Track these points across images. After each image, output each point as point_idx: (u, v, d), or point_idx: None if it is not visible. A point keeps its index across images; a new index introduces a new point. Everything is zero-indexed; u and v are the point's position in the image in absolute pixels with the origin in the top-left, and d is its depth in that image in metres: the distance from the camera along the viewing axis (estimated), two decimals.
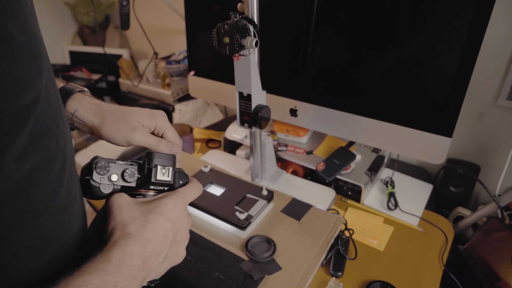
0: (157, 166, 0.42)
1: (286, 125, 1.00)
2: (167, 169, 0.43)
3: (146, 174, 0.42)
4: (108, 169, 0.41)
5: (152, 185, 0.42)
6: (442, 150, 0.73)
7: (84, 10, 1.80)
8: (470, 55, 0.65)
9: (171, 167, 0.43)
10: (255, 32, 0.67)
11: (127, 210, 0.39)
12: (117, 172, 0.42)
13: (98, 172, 0.41)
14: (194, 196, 0.44)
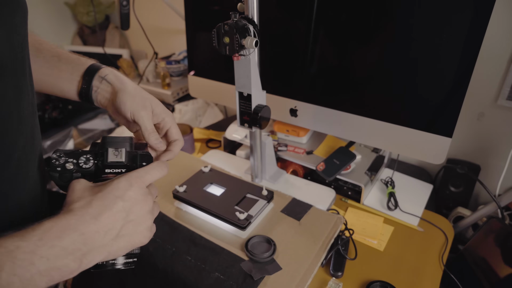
0: (107, 149, 0.43)
1: (286, 125, 1.00)
2: (120, 151, 0.43)
3: (100, 158, 0.43)
4: (63, 159, 0.42)
5: (107, 167, 0.43)
6: (442, 150, 0.73)
7: (84, 10, 1.80)
8: (470, 55, 0.65)
9: (124, 149, 0.43)
10: (255, 32, 0.67)
11: (78, 191, 0.39)
12: (73, 161, 0.43)
13: (53, 163, 0.42)
14: (154, 176, 0.44)
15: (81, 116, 1.44)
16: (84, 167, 0.43)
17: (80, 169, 0.43)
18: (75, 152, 0.43)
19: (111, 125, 1.46)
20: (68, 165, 0.42)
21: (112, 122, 1.47)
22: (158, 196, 0.84)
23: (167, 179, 0.90)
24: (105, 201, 0.38)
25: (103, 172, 0.43)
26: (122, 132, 1.22)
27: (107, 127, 1.45)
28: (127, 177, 0.41)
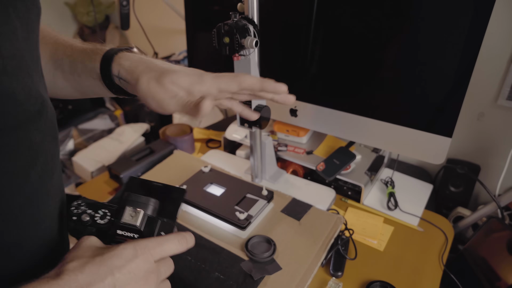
0: (125, 207, 0.38)
1: (286, 125, 1.00)
2: (137, 212, 0.37)
3: (115, 215, 0.38)
4: (82, 209, 0.39)
5: (119, 228, 0.37)
6: (442, 150, 0.73)
7: (84, 10, 1.80)
8: (470, 55, 0.65)
9: (143, 211, 0.38)
10: (255, 32, 0.67)
11: (81, 249, 0.35)
12: (90, 213, 0.39)
13: (71, 210, 0.40)
14: (168, 250, 0.37)
15: (81, 116, 1.44)
16: (98, 222, 0.39)
17: (94, 223, 0.39)
18: (96, 204, 0.40)
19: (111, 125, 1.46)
20: (83, 217, 0.39)
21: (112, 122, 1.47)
22: None
23: (167, 179, 0.90)
24: (101, 268, 0.33)
25: (115, 231, 0.38)
26: (123, 132, 1.22)
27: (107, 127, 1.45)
28: (135, 244, 0.35)
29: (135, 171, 0.96)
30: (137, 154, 1.03)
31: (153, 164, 0.99)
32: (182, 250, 0.38)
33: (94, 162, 1.09)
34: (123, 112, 1.54)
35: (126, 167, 0.96)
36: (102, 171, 1.08)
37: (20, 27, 0.31)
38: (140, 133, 1.22)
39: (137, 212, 0.38)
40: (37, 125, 0.34)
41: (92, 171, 1.07)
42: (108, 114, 1.50)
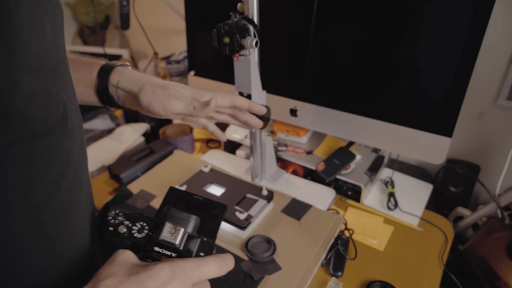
0: (165, 222, 0.36)
1: (286, 125, 1.00)
2: (177, 230, 0.35)
3: (154, 230, 0.36)
4: (119, 219, 0.38)
5: (157, 245, 0.35)
6: (442, 150, 0.73)
7: (84, 10, 1.80)
8: (470, 55, 0.65)
9: (183, 229, 0.36)
10: (255, 32, 0.67)
11: (116, 265, 0.33)
12: (128, 225, 0.37)
13: (108, 220, 0.38)
14: (207, 273, 0.34)
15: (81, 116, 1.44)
16: (136, 236, 0.37)
17: (131, 236, 0.37)
18: (134, 215, 0.38)
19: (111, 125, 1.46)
20: (120, 228, 0.37)
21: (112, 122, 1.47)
22: (159, 197, 0.84)
23: (167, 179, 0.90)
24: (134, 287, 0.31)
25: (152, 248, 0.36)
26: (123, 132, 1.22)
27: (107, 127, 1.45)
28: (172, 265, 0.33)
29: (135, 171, 0.96)
30: (137, 154, 1.03)
31: (153, 164, 0.99)
32: (222, 274, 0.35)
33: (94, 162, 1.09)
34: (123, 112, 1.54)
35: (126, 167, 0.96)
36: (102, 171, 1.08)
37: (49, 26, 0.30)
38: (140, 133, 1.22)
39: (177, 230, 0.36)
40: (65, 130, 0.33)
41: (92, 171, 1.07)
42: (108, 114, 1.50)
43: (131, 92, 0.50)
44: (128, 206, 0.40)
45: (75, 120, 0.36)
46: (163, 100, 0.48)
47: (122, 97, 0.52)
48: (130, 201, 0.84)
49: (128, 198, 0.85)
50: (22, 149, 0.29)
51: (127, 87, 0.50)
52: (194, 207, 0.41)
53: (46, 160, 0.31)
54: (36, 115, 0.29)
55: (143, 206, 0.82)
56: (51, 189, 0.32)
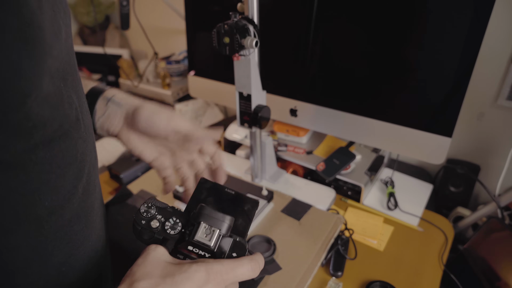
0: (201, 223, 0.35)
1: (286, 125, 1.00)
2: (212, 231, 0.35)
3: (188, 229, 0.36)
4: (152, 213, 0.37)
5: (190, 245, 0.35)
6: (442, 150, 0.73)
7: (84, 10, 1.80)
8: (470, 55, 0.65)
9: (219, 231, 0.35)
10: (255, 32, 0.67)
11: (149, 264, 0.33)
12: (161, 219, 0.37)
13: (141, 213, 0.37)
14: (240, 276, 0.35)
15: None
16: (168, 232, 0.36)
17: (164, 232, 0.36)
18: (167, 210, 0.38)
19: None
20: (153, 223, 0.36)
21: None
22: (159, 197, 0.84)
23: None
24: None
25: (185, 246, 0.35)
26: None
27: None
28: (207, 267, 0.32)
29: (135, 171, 0.96)
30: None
31: None
32: (254, 276, 0.36)
33: None
34: None
35: (126, 167, 0.96)
36: (102, 171, 1.08)
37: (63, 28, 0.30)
38: None
39: (213, 231, 0.35)
40: (79, 133, 0.33)
41: None
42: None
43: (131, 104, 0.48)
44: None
45: (87, 122, 0.36)
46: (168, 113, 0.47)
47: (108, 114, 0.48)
48: (130, 201, 0.84)
49: (128, 198, 0.85)
50: (43, 153, 0.29)
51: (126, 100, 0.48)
52: (225, 201, 0.41)
53: (64, 163, 0.31)
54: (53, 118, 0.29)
55: None
56: (69, 193, 0.32)
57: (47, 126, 0.28)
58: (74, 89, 0.33)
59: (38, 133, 0.28)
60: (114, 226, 0.77)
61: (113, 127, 0.48)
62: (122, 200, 0.84)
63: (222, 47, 0.67)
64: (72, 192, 0.32)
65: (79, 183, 0.33)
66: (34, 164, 0.28)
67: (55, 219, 0.31)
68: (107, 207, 0.82)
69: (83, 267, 0.36)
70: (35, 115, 0.27)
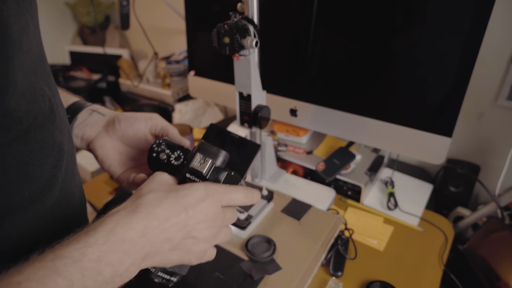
0: (197, 153, 0.40)
1: (286, 125, 1.00)
2: (206, 161, 0.40)
3: (187, 160, 0.41)
4: (162, 148, 0.43)
5: (188, 171, 0.40)
6: (442, 150, 0.73)
7: (84, 10, 1.80)
8: (470, 55, 0.65)
9: (211, 161, 0.40)
10: (255, 32, 0.67)
11: (156, 182, 0.37)
12: (168, 153, 0.43)
13: (153, 147, 0.43)
14: (235, 199, 0.39)
15: None
16: (172, 163, 0.42)
17: (169, 163, 0.42)
18: (175, 146, 0.43)
19: None
20: (161, 155, 0.43)
21: None
22: None
23: None
24: (176, 204, 0.35)
25: (184, 173, 0.41)
26: None
27: None
28: (206, 186, 0.37)
29: None
30: None
31: None
32: (247, 203, 0.40)
33: (94, 162, 1.09)
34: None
35: None
36: (102, 171, 1.08)
37: (30, 20, 0.30)
38: None
39: (206, 161, 0.40)
40: (55, 124, 0.34)
41: (92, 171, 1.07)
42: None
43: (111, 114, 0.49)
44: None
45: (62, 113, 0.37)
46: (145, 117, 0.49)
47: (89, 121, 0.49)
48: None
49: (128, 198, 0.85)
50: (20, 146, 0.29)
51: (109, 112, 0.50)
52: (230, 145, 0.45)
53: (42, 154, 0.32)
54: (29, 112, 0.30)
55: None
56: (49, 182, 0.33)
57: (23, 120, 0.29)
58: (44, 81, 0.33)
59: (15, 128, 0.28)
60: None
61: (90, 132, 0.49)
62: (122, 200, 0.84)
63: (222, 47, 0.67)
64: (52, 182, 0.33)
65: (59, 173, 0.34)
66: (12, 157, 0.29)
67: (38, 207, 0.32)
68: (107, 207, 0.82)
69: None
70: (12, 111, 0.28)
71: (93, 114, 0.49)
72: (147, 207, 0.34)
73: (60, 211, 0.36)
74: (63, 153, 0.35)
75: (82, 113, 0.49)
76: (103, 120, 0.49)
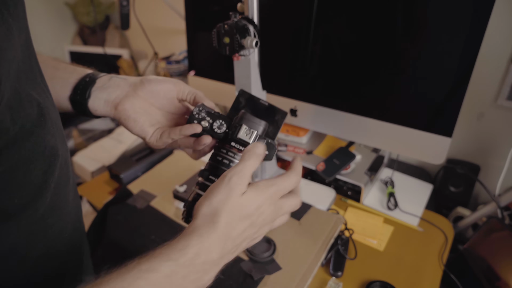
0: (242, 125, 0.43)
1: (286, 125, 1.00)
2: (252, 132, 0.43)
3: (232, 130, 0.44)
4: (202, 115, 0.45)
5: (233, 141, 0.43)
6: (442, 150, 0.73)
7: (84, 10, 1.80)
8: (470, 55, 0.65)
9: (257, 131, 0.43)
10: (255, 32, 0.67)
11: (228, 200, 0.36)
12: (209, 121, 0.45)
13: (193, 114, 0.45)
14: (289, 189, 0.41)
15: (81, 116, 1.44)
16: (216, 131, 0.45)
17: (211, 131, 0.45)
18: (214, 114, 0.45)
19: (111, 125, 1.46)
20: (203, 123, 0.45)
21: (112, 122, 1.47)
22: (159, 197, 0.84)
23: (167, 179, 0.90)
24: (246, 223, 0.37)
25: (229, 142, 0.44)
26: (123, 132, 1.22)
27: (107, 127, 1.45)
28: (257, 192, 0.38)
29: (135, 171, 0.96)
30: (137, 154, 1.03)
31: (153, 164, 0.99)
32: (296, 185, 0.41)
33: (94, 162, 1.09)
34: None
35: (126, 167, 0.96)
36: (102, 171, 1.08)
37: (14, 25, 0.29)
38: None
39: (252, 132, 0.43)
40: (46, 129, 0.33)
41: (92, 171, 1.07)
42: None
43: (134, 80, 0.48)
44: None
45: (54, 116, 0.36)
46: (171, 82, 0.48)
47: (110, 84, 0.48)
48: (130, 201, 0.84)
49: (128, 198, 0.85)
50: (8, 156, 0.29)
51: (129, 76, 0.49)
52: (260, 111, 0.48)
53: (30, 161, 0.31)
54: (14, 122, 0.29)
55: (143, 206, 0.82)
56: (40, 188, 0.33)
57: (10, 130, 0.28)
58: (31, 85, 0.32)
59: (2, 139, 0.28)
60: (114, 226, 0.77)
61: (116, 93, 0.47)
62: (122, 200, 0.84)
63: (222, 47, 0.67)
64: (43, 187, 0.33)
65: (51, 178, 0.34)
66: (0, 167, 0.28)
67: (29, 214, 0.32)
68: (107, 207, 0.82)
69: (62, 257, 0.37)
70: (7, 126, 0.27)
71: (113, 79, 0.48)
72: (225, 230, 0.35)
73: (52, 218, 0.35)
74: (56, 158, 0.34)
75: (101, 78, 0.48)
76: (126, 83, 0.48)
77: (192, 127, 0.45)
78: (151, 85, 0.48)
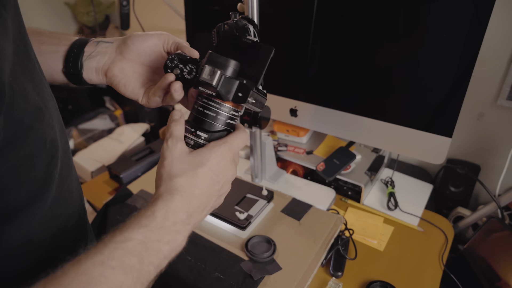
0: (205, 65, 0.40)
1: (286, 125, 1.00)
2: (214, 72, 0.39)
3: (198, 73, 0.41)
4: (175, 63, 0.43)
5: (199, 85, 0.40)
6: (442, 150, 0.73)
7: (84, 10, 1.80)
8: (470, 55, 0.65)
9: (220, 71, 0.39)
10: (255, 32, 0.66)
11: (177, 162, 0.39)
12: (181, 67, 0.43)
13: (166, 63, 0.43)
14: (241, 146, 0.43)
15: (81, 116, 1.44)
16: (185, 77, 0.43)
17: (182, 77, 0.43)
18: (187, 59, 0.43)
19: (111, 125, 1.46)
20: (175, 71, 0.43)
21: (112, 122, 1.47)
22: None
23: None
24: (204, 178, 0.39)
25: (197, 87, 0.41)
26: (123, 132, 1.22)
27: (107, 127, 1.45)
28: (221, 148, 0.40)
29: (135, 171, 0.96)
30: (137, 154, 1.03)
31: (153, 164, 0.99)
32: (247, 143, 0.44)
33: (94, 162, 1.09)
34: (123, 112, 1.54)
35: (126, 167, 0.96)
36: (102, 171, 1.08)
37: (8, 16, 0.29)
38: (140, 133, 1.23)
39: (215, 72, 0.39)
40: (45, 121, 0.33)
41: (92, 171, 1.07)
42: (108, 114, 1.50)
43: (119, 40, 0.48)
44: None
45: (52, 107, 0.36)
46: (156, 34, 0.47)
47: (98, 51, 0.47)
48: (130, 201, 0.84)
49: (128, 198, 0.85)
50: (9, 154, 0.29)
51: (115, 38, 0.49)
52: (242, 51, 0.43)
53: (32, 155, 0.32)
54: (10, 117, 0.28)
55: (143, 206, 0.81)
56: (45, 180, 0.33)
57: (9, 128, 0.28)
58: (27, 78, 0.32)
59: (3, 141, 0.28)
60: (114, 226, 0.77)
61: (104, 60, 0.47)
62: (122, 200, 0.84)
63: None
64: (48, 179, 0.34)
65: (54, 169, 0.35)
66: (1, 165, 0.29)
67: (38, 206, 0.33)
68: (107, 207, 0.82)
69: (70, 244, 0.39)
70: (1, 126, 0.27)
71: (99, 44, 0.48)
72: (185, 190, 0.37)
73: (59, 208, 0.36)
74: (57, 149, 0.35)
75: (88, 46, 0.48)
76: (113, 47, 0.48)
77: (165, 77, 0.43)
78: (135, 45, 0.47)
